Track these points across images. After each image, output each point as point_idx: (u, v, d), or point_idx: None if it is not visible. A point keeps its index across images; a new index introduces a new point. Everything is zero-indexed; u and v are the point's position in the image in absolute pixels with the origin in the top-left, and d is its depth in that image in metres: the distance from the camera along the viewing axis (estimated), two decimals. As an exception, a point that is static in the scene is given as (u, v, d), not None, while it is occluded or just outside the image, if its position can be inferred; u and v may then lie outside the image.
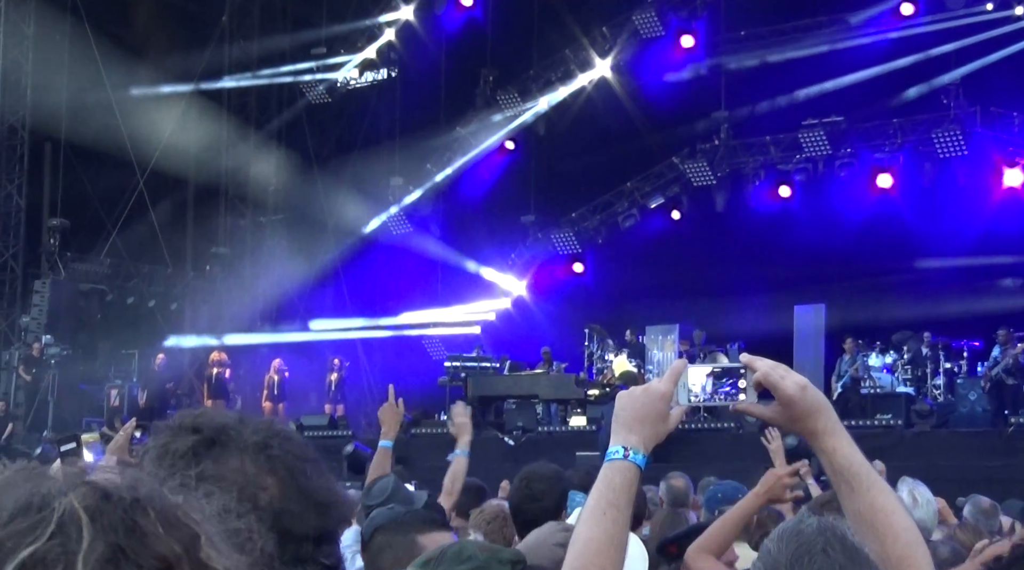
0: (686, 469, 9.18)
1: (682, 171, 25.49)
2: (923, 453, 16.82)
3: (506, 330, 26.74)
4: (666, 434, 2.43)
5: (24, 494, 1.16)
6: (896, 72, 23.35)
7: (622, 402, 2.43)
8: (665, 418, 2.42)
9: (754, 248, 24.60)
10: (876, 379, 20.86)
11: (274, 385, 24.72)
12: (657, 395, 2.41)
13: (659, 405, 2.41)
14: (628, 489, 2.34)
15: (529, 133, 27.34)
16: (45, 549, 1.11)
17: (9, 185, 25.78)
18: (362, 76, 29.23)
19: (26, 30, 25.93)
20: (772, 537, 2.62)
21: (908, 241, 23.04)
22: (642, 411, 2.40)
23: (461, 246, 27.12)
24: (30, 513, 1.14)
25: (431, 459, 19.27)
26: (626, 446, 2.37)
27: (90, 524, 1.13)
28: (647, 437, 2.39)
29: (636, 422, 2.40)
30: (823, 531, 2.59)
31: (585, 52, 26.38)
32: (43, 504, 1.14)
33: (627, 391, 2.44)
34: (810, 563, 2.51)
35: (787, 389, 2.36)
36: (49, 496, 1.15)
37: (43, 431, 23.30)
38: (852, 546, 2.55)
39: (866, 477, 2.33)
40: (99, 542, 1.12)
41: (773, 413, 2.40)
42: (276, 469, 1.92)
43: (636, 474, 2.35)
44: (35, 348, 24.55)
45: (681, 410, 2.46)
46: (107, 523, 1.14)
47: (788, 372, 2.40)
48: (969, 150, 22.75)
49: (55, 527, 1.12)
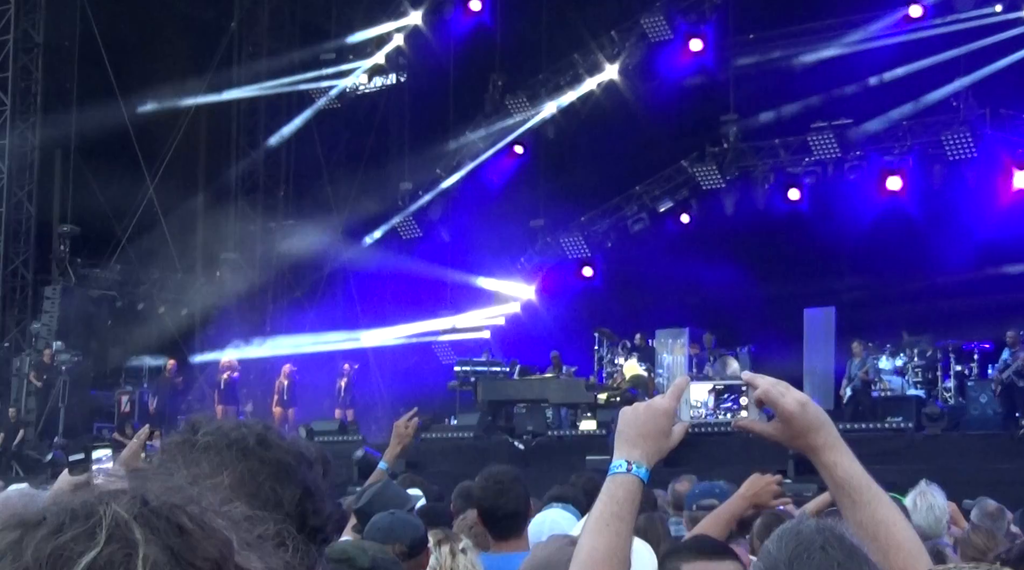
0: (695, 472, 9.18)
1: (691, 174, 25.48)
2: (934, 456, 16.82)
3: (516, 334, 26.75)
4: (668, 450, 2.49)
5: (66, 504, 1.17)
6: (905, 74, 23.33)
7: (625, 418, 2.49)
8: (667, 434, 2.48)
9: (764, 251, 24.59)
10: (886, 382, 20.84)
11: (284, 390, 24.73)
12: (660, 411, 2.47)
13: (661, 421, 2.47)
14: (631, 502, 2.40)
15: (538, 137, 27.35)
16: (107, 553, 1.12)
17: (19, 192, 25.84)
18: (371, 81, 29.28)
19: (36, 37, 26.02)
20: (772, 537, 2.66)
21: (918, 244, 22.99)
22: (645, 427, 2.46)
23: (470, 250, 27.12)
24: (77, 522, 1.15)
25: (440, 463, 19.33)
26: (629, 460, 2.43)
27: (140, 529, 1.15)
28: (650, 452, 2.45)
29: (639, 437, 2.46)
30: (822, 530, 2.62)
31: (594, 56, 26.39)
32: (89, 512, 1.16)
33: (630, 407, 2.51)
34: (808, 560, 2.54)
35: (787, 406, 2.41)
36: (91, 505, 1.17)
37: (54, 437, 23.38)
38: (851, 545, 2.57)
39: (867, 490, 2.36)
40: (153, 546, 1.14)
41: (774, 430, 2.45)
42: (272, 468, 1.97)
43: (639, 487, 2.42)
44: (46, 354, 24.61)
45: (684, 427, 2.51)
46: (155, 527, 1.15)
47: (788, 389, 2.45)
48: (979, 152, 22.71)
49: (107, 533, 1.14)
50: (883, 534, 2.30)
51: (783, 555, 2.57)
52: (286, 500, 1.96)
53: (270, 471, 1.99)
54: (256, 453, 2.00)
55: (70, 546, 1.13)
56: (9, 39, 25.63)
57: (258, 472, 1.98)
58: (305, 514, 1.98)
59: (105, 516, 1.15)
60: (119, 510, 1.16)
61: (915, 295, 22.87)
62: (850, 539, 2.59)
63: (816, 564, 2.52)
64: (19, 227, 25.89)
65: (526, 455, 19.54)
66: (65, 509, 1.17)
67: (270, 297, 29.90)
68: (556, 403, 21.81)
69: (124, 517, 1.15)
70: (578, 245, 26.75)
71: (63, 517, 1.16)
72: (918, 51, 23.19)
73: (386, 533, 4.74)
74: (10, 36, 25.61)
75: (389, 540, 4.66)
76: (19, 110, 25.84)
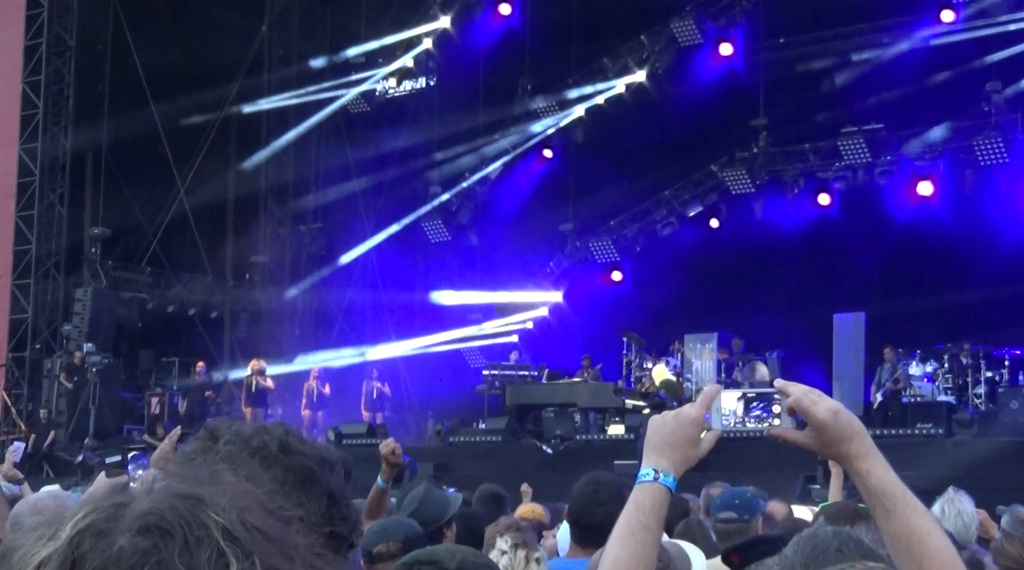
0: (727, 478, 9.16)
1: (721, 179, 25.42)
2: (964, 463, 16.70)
3: (544, 339, 26.73)
4: (697, 459, 2.47)
5: (121, 495, 1.18)
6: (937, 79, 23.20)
7: (654, 426, 2.48)
8: (696, 443, 2.46)
9: (793, 256, 24.49)
10: (917, 388, 20.73)
11: (313, 393, 24.78)
12: (688, 420, 2.46)
13: (690, 430, 2.46)
14: (658, 511, 2.40)
15: (567, 141, 27.34)
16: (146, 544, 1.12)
17: (51, 194, 26.00)
18: (400, 85, 29.33)
19: (68, 41, 26.19)
20: (790, 543, 2.66)
21: (949, 249, 22.85)
22: (673, 436, 2.45)
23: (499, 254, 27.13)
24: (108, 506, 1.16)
25: (468, 467, 19.34)
26: (656, 469, 2.43)
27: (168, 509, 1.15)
28: (677, 461, 2.44)
29: (667, 446, 2.45)
30: (838, 534, 2.63)
31: (623, 60, 26.36)
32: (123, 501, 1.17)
33: (659, 415, 2.50)
34: (824, 561, 2.54)
35: (819, 415, 2.37)
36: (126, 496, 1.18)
37: (84, 439, 23.48)
38: (867, 548, 2.57)
39: (901, 499, 2.32)
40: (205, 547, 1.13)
41: (806, 439, 2.41)
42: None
43: (666, 496, 2.41)
44: (77, 356, 24.74)
45: (715, 435, 2.50)
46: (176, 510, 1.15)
47: (821, 397, 2.41)
48: (1010, 157, 22.56)
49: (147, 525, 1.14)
50: (916, 544, 2.28)
51: (799, 558, 2.58)
52: (312, 509, 1.96)
53: (295, 479, 1.97)
54: (280, 461, 1.98)
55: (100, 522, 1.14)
56: (42, 43, 25.79)
57: (284, 482, 1.96)
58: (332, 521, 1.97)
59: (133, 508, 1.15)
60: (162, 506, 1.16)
61: (945, 301, 22.73)
62: (868, 545, 2.59)
63: (831, 565, 2.53)
64: (51, 229, 26.04)
65: (554, 459, 19.52)
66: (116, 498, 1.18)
67: (299, 301, 29.99)
68: (584, 407, 21.78)
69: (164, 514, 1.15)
70: (607, 249, 26.72)
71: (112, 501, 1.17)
72: (950, 55, 23.07)
73: (380, 533, 4.86)
74: (43, 40, 25.78)
75: (383, 538, 4.80)
76: (51, 113, 26.00)
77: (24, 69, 25.95)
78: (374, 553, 4.77)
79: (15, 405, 25.42)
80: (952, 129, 23.31)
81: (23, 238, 25.74)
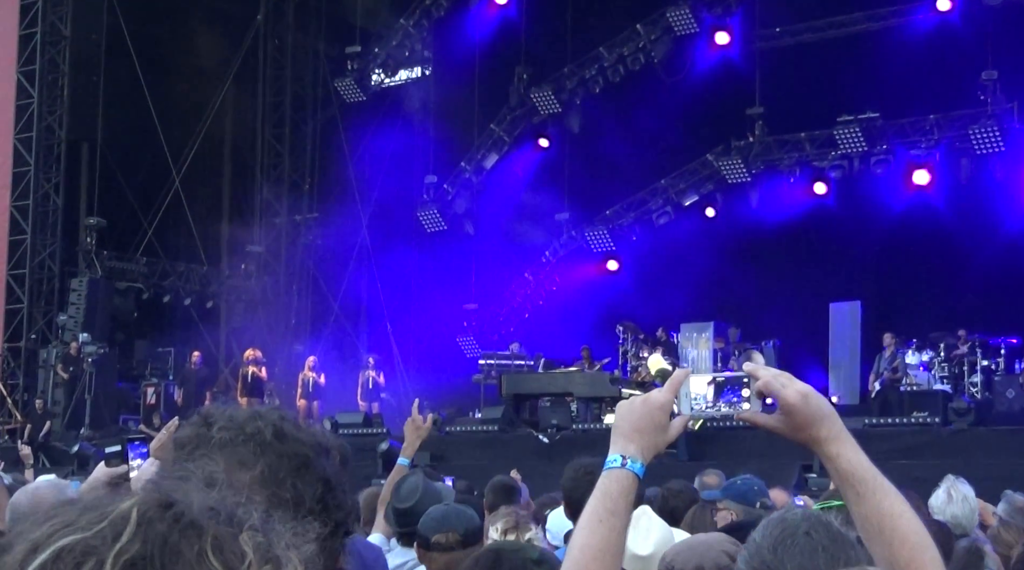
0: (722, 466, 9.17)
1: (716, 168, 25.40)
2: (961, 451, 16.74)
3: (540, 328, 26.72)
4: (665, 445, 2.42)
5: (101, 497, 1.18)
6: (933, 68, 23.17)
7: (621, 412, 2.44)
8: (664, 428, 2.41)
9: (789, 245, 24.50)
10: (913, 376, 20.76)
11: (308, 383, 24.76)
12: (656, 405, 2.41)
13: (658, 415, 2.40)
14: (626, 497, 2.35)
15: (563, 131, 27.31)
16: (84, 540, 1.13)
17: (46, 184, 25.98)
18: (396, 74, 29.27)
19: (63, 30, 26.14)
20: (759, 526, 2.65)
21: (944, 238, 22.85)
22: (640, 421, 2.40)
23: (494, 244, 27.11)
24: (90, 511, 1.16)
25: (465, 457, 19.36)
26: (624, 455, 2.38)
27: (135, 526, 1.15)
28: (646, 447, 2.39)
29: (635, 432, 2.40)
30: (807, 518, 2.63)
31: (619, 50, 26.33)
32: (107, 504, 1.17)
33: (627, 401, 2.44)
34: (792, 545, 2.53)
35: (788, 398, 2.34)
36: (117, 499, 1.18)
37: (80, 429, 23.51)
38: (837, 531, 2.57)
39: (872, 481, 2.31)
40: (135, 544, 1.13)
41: (776, 422, 2.38)
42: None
43: (634, 483, 2.36)
44: (72, 346, 24.73)
45: (683, 421, 2.44)
46: (151, 531, 1.15)
47: (791, 380, 2.38)
48: (1006, 146, 22.54)
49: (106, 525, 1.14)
50: (888, 526, 2.26)
51: (767, 542, 2.58)
52: (308, 496, 1.94)
53: (290, 466, 1.95)
54: (274, 447, 1.96)
55: (62, 530, 1.15)
56: (36, 32, 25.75)
57: (278, 469, 1.94)
58: (328, 508, 1.96)
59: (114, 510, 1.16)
60: (131, 506, 1.17)
61: (942, 290, 22.76)
62: (837, 528, 2.58)
63: (799, 548, 2.53)
64: (46, 219, 26.02)
65: (550, 449, 19.53)
66: (94, 500, 1.18)
67: (295, 291, 29.99)
68: (581, 397, 21.79)
69: (130, 513, 1.16)
70: (603, 238, 26.70)
71: (87, 506, 1.18)
72: (945, 43, 23.02)
73: (439, 522, 4.78)
74: (37, 29, 25.74)
75: (442, 528, 4.72)
76: (46, 103, 25.97)
77: (19, 59, 25.93)
78: (432, 542, 4.73)
79: (11, 395, 25.44)
80: (948, 118, 23.31)
81: (18, 228, 25.73)
